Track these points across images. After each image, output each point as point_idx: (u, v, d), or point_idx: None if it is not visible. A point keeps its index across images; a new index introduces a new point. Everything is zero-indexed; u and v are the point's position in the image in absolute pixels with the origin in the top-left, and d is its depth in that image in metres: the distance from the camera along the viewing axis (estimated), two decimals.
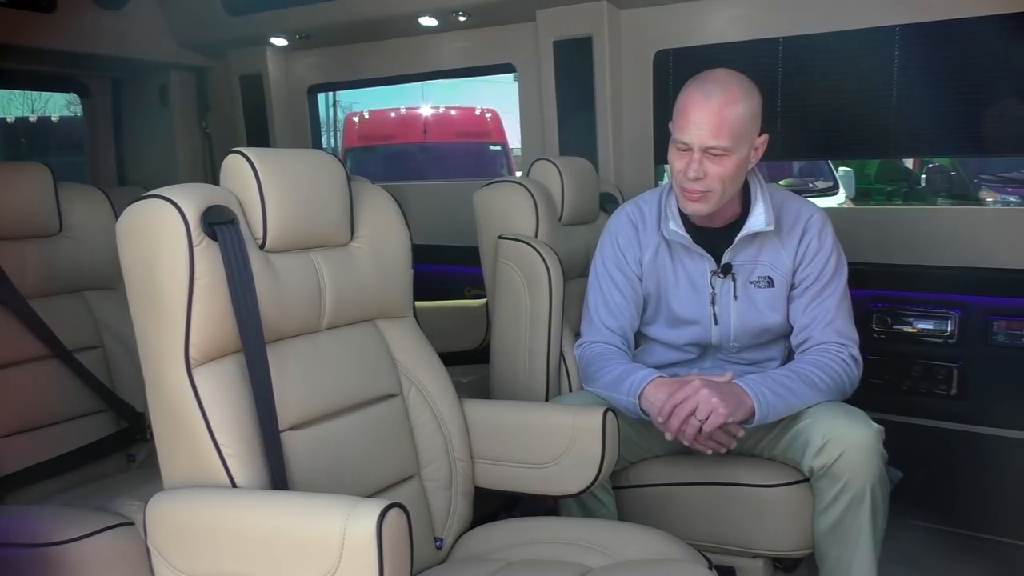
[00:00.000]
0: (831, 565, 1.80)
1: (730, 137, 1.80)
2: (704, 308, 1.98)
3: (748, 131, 1.83)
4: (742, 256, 1.96)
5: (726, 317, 1.97)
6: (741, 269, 1.96)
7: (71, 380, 2.13)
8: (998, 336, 2.36)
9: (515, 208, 2.28)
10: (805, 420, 1.82)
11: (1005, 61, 2.30)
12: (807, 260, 1.95)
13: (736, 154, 1.82)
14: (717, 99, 1.80)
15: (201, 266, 1.38)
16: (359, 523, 1.16)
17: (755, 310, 1.96)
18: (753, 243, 1.95)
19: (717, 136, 1.79)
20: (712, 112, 1.79)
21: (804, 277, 1.95)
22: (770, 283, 1.95)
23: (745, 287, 1.96)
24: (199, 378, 1.38)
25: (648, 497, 2.01)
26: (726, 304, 1.97)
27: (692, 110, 1.82)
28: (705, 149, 1.81)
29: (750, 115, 1.83)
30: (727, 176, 1.83)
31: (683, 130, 1.83)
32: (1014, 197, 7.29)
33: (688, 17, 2.69)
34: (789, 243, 1.95)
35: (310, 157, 1.63)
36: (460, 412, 1.80)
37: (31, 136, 8.11)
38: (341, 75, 3.53)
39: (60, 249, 2.19)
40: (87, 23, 3.06)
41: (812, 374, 1.85)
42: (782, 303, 1.97)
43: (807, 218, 1.96)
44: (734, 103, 1.80)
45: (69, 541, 1.52)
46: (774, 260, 1.95)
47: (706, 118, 1.79)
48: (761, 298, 1.96)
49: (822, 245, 1.95)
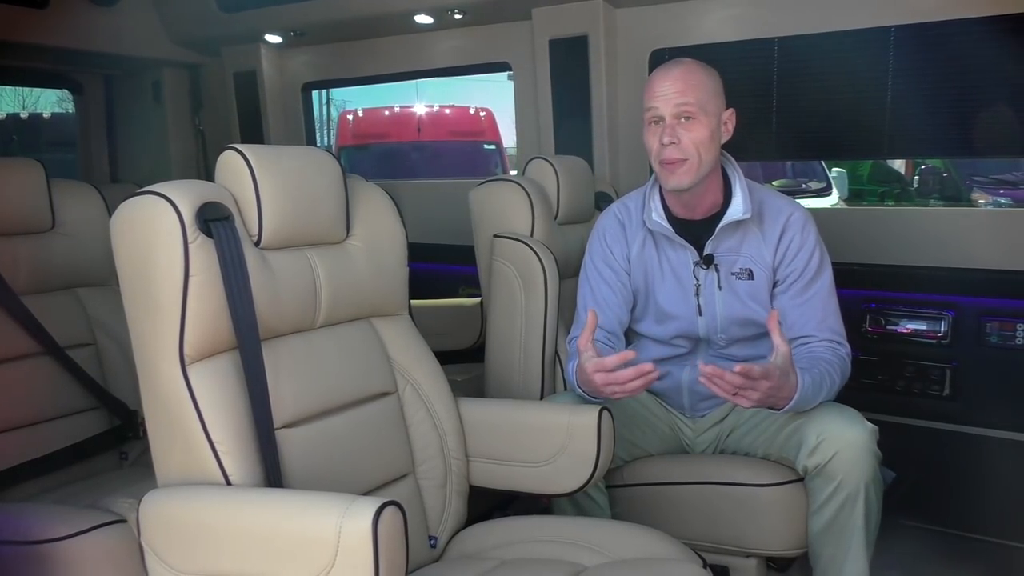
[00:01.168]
0: (824, 564, 1.81)
1: (696, 97, 1.86)
2: (689, 300, 1.99)
3: (712, 99, 1.90)
4: (724, 247, 1.97)
5: (711, 308, 1.97)
6: (723, 260, 1.97)
7: (64, 377, 2.12)
8: (991, 337, 2.37)
9: (511, 207, 2.28)
10: (799, 419, 1.82)
11: (999, 62, 2.31)
12: (789, 256, 1.95)
13: (706, 118, 1.88)
14: (678, 68, 1.91)
15: (196, 263, 1.37)
16: (355, 521, 1.16)
17: (739, 301, 1.97)
18: (735, 234, 1.96)
19: (683, 94, 1.86)
20: (675, 78, 1.89)
21: (788, 273, 1.95)
22: (750, 275, 1.96)
23: (728, 279, 1.97)
24: (193, 375, 1.37)
25: (642, 496, 2.01)
26: (711, 295, 1.97)
27: (656, 83, 1.91)
28: (676, 114, 1.87)
29: (712, 85, 1.91)
30: (700, 142, 1.87)
31: (652, 99, 1.90)
32: (1006, 199, 7.32)
33: (684, 17, 2.69)
34: (770, 237, 1.96)
35: (306, 154, 1.63)
36: (455, 410, 1.80)
37: (23, 133, 8.08)
38: (336, 73, 3.52)
39: (53, 245, 2.18)
40: (80, 19, 3.04)
41: (825, 373, 1.83)
42: (765, 296, 1.97)
43: (788, 215, 1.97)
44: (694, 72, 1.90)
45: (61, 539, 1.51)
46: (755, 253, 1.96)
47: (670, 84, 1.88)
48: (743, 290, 1.97)
49: (804, 242, 1.95)
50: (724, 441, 2.05)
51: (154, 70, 3.59)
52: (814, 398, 1.80)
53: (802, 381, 1.74)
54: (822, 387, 1.81)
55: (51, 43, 3.00)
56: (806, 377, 1.77)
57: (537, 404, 2.05)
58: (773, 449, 1.91)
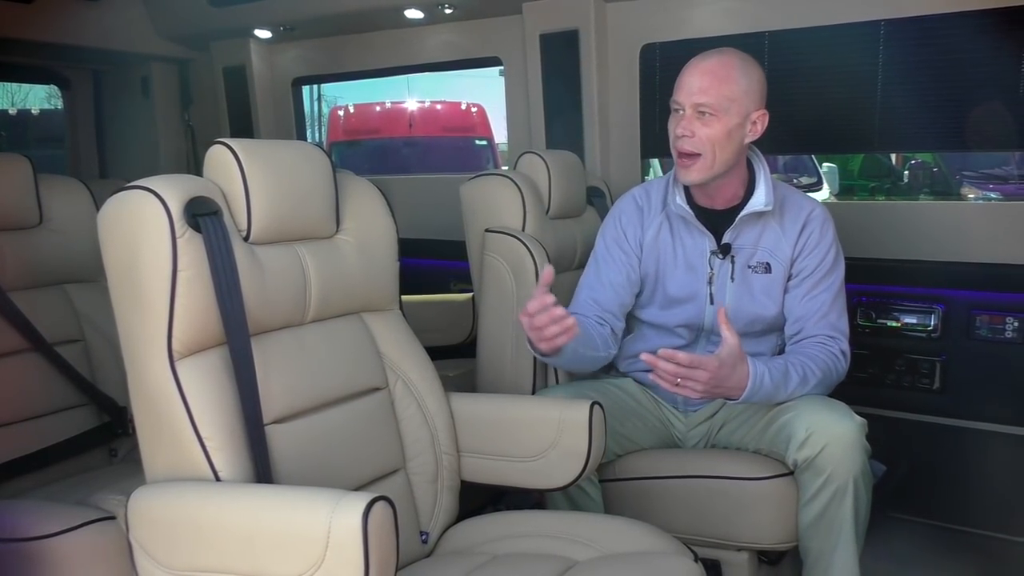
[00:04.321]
0: (814, 557, 1.81)
1: (718, 96, 1.84)
2: (700, 287, 1.99)
3: (740, 97, 1.86)
4: (743, 239, 1.97)
5: (721, 298, 1.98)
6: (740, 252, 1.97)
7: (52, 374, 2.11)
8: (981, 330, 2.37)
9: (502, 201, 2.27)
10: (789, 413, 1.83)
11: (989, 56, 2.32)
12: (807, 251, 1.96)
13: (725, 117, 1.85)
14: (711, 61, 1.88)
15: (184, 258, 1.36)
16: (344, 516, 1.15)
17: (750, 296, 1.97)
18: (755, 226, 1.97)
19: (705, 92, 1.84)
20: (704, 71, 1.86)
21: (802, 268, 1.96)
22: (767, 269, 1.97)
23: (743, 271, 1.97)
24: (182, 371, 1.37)
25: (634, 490, 2.01)
26: (723, 285, 1.98)
27: (688, 72, 1.89)
28: (695, 106, 1.85)
29: (745, 82, 1.87)
30: (716, 139, 1.86)
31: (677, 91, 1.89)
32: (995, 193, 7.36)
33: (674, 11, 2.69)
34: (791, 231, 1.97)
35: (295, 148, 1.62)
36: (446, 406, 1.79)
37: (11, 129, 8.03)
38: (326, 68, 3.50)
39: (40, 241, 2.16)
40: (67, 14, 3.02)
41: (806, 367, 1.86)
42: (778, 292, 1.97)
43: (810, 211, 1.99)
44: (727, 67, 1.86)
45: (50, 536, 1.50)
46: (774, 247, 1.97)
47: (698, 78, 1.86)
48: (758, 284, 1.97)
49: (823, 238, 1.97)
50: (715, 436, 2.05)
51: (142, 65, 3.57)
52: (779, 391, 1.82)
53: (754, 371, 1.76)
54: (789, 381, 1.82)
55: (38, 38, 2.98)
56: (764, 368, 1.78)
57: (528, 399, 2.05)
58: (763, 443, 1.91)
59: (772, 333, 2.04)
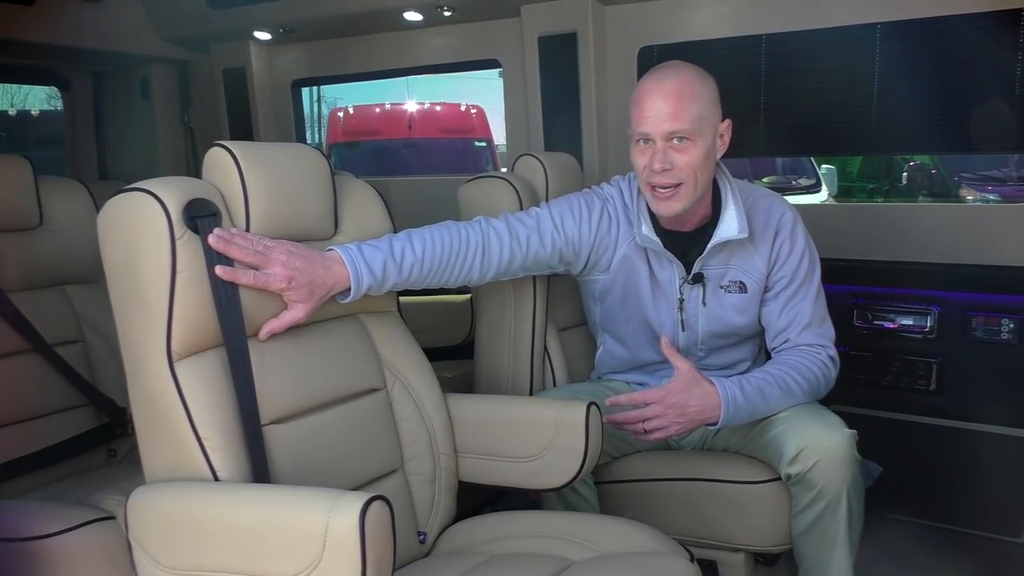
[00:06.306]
0: (809, 564, 1.82)
1: (691, 119, 1.73)
2: (672, 314, 1.96)
3: (708, 114, 1.76)
4: (713, 262, 1.91)
5: (694, 323, 1.95)
6: (712, 275, 1.92)
7: (52, 374, 2.11)
8: (977, 332, 2.38)
9: (500, 203, 2.27)
10: (779, 427, 1.81)
11: (986, 58, 2.32)
12: (781, 261, 1.91)
13: (701, 140, 1.75)
14: (672, 81, 1.74)
15: (183, 260, 1.37)
16: (342, 515, 1.16)
17: (723, 315, 1.94)
18: (724, 248, 1.90)
19: (677, 119, 1.72)
20: (667, 94, 1.73)
21: (778, 279, 1.92)
22: (742, 288, 1.92)
23: (715, 292, 1.93)
24: (181, 372, 1.37)
25: (630, 492, 2.01)
26: (694, 310, 1.94)
27: (647, 99, 1.75)
28: (667, 136, 1.74)
29: (707, 94, 1.77)
30: (696, 164, 1.76)
31: (641, 122, 1.76)
32: (993, 195, 7.37)
33: (672, 13, 2.70)
34: (763, 247, 1.91)
35: (293, 151, 1.63)
36: (444, 406, 1.80)
37: (11, 130, 8.03)
38: (325, 70, 3.51)
39: (40, 243, 2.17)
40: (67, 15, 3.02)
41: (789, 378, 1.83)
42: (754, 308, 1.94)
43: (778, 217, 1.92)
44: (689, 84, 1.75)
45: (50, 535, 1.51)
46: (747, 266, 1.91)
47: (662, 104, 1.73)
48: (731, 303, 1.93)
49: (794, 245, 1.91)
50: (710, 440, 2.05)
51: (142, 67, 3.57)
52: (757, 407, 1.80)
53: (723, 391, 1.75)
54: (768, 396, 1.80)
55: (38, 39, 2.99)
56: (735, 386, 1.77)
57: (526, 400, 2.06)
58: (756, 451, 1.91)
59: (750, 340, 2.02)
